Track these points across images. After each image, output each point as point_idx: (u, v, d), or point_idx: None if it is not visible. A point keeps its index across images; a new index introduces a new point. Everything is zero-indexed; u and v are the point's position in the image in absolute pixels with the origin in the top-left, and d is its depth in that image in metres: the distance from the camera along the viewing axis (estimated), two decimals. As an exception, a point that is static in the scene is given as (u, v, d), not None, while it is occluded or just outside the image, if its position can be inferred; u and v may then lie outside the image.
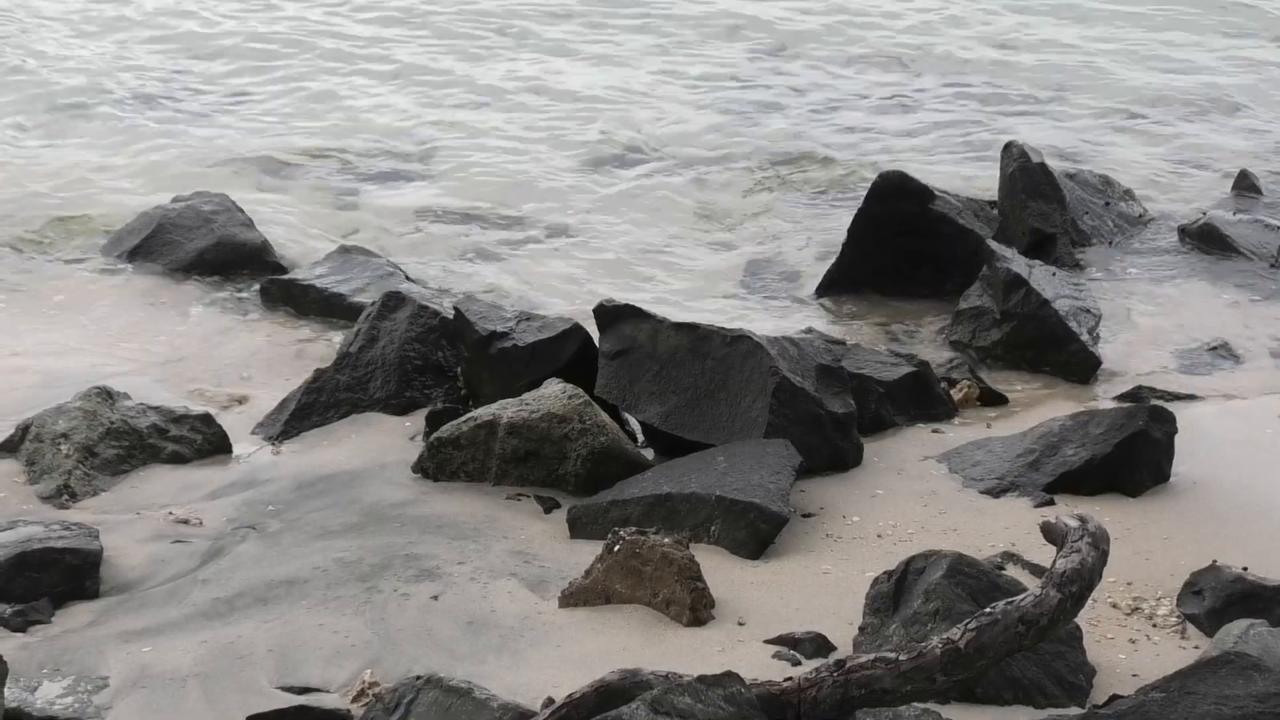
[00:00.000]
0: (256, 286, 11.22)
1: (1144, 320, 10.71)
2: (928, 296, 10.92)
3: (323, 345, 10.38)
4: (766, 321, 10.64)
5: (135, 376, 9.90)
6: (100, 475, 8.48)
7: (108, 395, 8.91)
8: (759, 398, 8.36)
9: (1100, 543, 5.91)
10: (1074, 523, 5.99)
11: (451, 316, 9.41)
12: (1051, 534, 6.06)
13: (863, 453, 8.55)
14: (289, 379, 9.82)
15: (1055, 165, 12.10)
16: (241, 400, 9.68)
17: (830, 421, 8.46)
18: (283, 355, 10.35)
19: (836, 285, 11.22)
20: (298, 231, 12.34)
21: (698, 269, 11.80)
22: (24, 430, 8.72)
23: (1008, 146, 11.93)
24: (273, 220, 12.40)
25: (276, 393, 9.61)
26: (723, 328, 8.73)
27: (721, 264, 11.90)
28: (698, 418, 8.49)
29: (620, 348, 8.79)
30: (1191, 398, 9.50)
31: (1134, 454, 8.11)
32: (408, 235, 12.34)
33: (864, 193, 11.37)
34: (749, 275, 11.70)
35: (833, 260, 11.34)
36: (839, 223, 11.94)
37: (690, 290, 11.40)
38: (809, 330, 9.88)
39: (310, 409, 9.28)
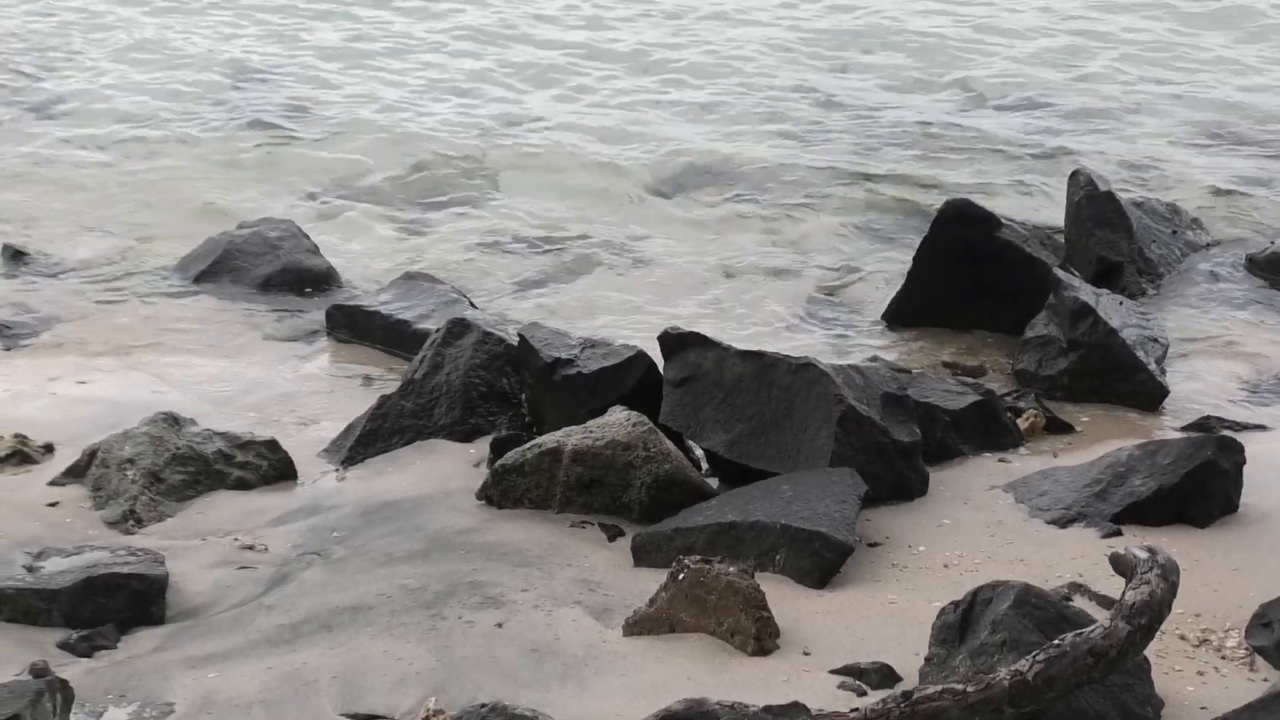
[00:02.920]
0: (322, 312, 11.24)
1: (1212, 349, 10.63)
2: (994, 324, 10.86)
3: (387, 371, 10.39)
4: (832, 348, 10.61)
5: (200, 402, 9.93)
6: (166, 501, 8.51)
7: (174, 421, 8.95)
8: (824, 426, 8.33)
9: (1170, 574, 5.87)
10: (1143, 554, 5.94)
11: (516, 343, 9.42)
12: (1120, 565, 6.01)
13: (928, 482, 8.51)
14: (354, 405, 9.84)
15: (1122, 193, 12.04)
16: (307, 426, 9.70)
17: (896, 450, 8.43)
18: (348, 381, 10.38)
19: (902, 312, 11.17)
20: (363, 257, 12.39)
21: (763, 293, 11.77)
22: (90, 456, 8.76)
23: (1074, 174, 11.88)
24: (338, 245, 12.46)
25: (341, 419, 9.63)
26: (788, 355, 8.70)
27: (787, 289, 11.86)
28: (763, 446, 8.46)
29: (685, 375, 8.77)
30: (1260, 428, 9.41)
31: (1202, 484, 8.05)
32: (472, 259, 12.35)
33: (930, 219, 11.32)
34: (814, 301, 11.67)
35: (899, 287, 11.30)
36: (905, 249, 11.91)
37: (755, 316, 11.37)
38: (874, 358, 9.85)
39: (375, 435, 9.30)
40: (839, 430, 8.30)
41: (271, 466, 8.92)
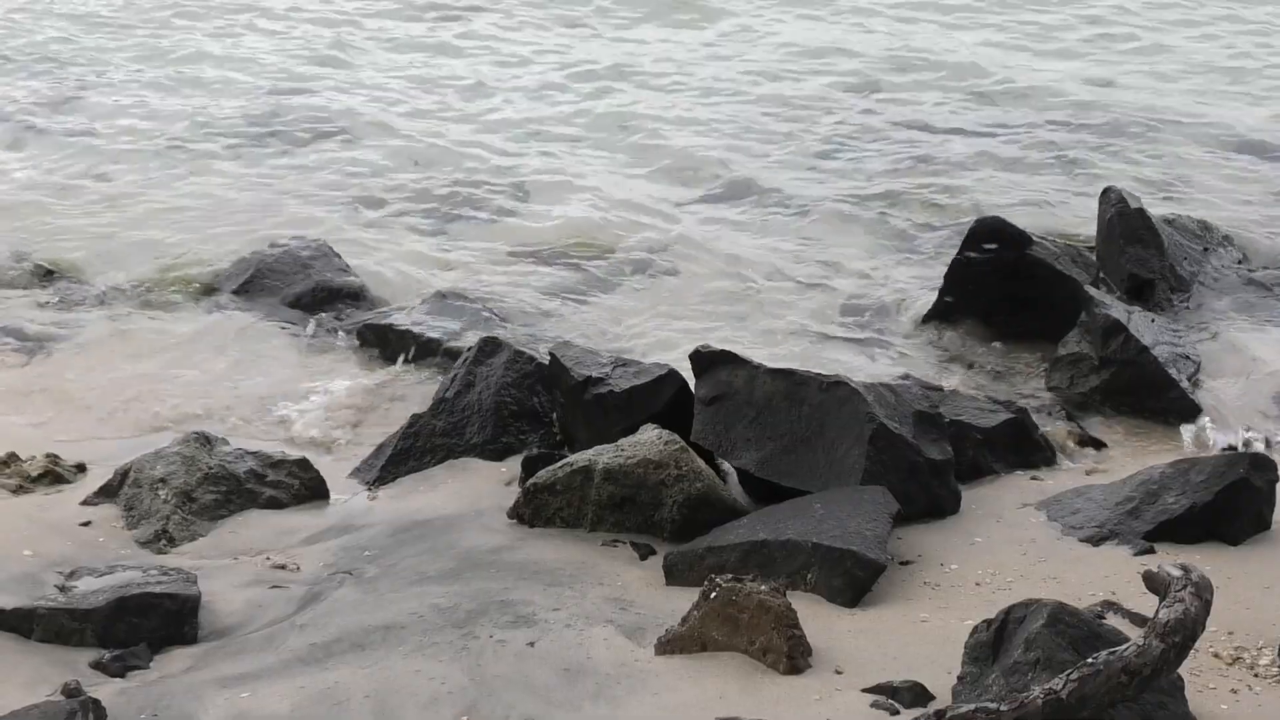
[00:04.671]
0: (353, 331, 11.26)
1: (1244, 366, 10.60)
2: (1026, 341, 10.85)
3: (419, 390, 10.40)
4: (863, 365, 10.60)
5: (232, 420, 9.98)
6: (198, 520, 8.52)
7: (206, 440, 8.97)
8: (856, 444, 8.31)
9: (1203, 592, 5.84)
10: (1177, 572, 5.92)
11: (547, 362, 9.43)
12: (1154, 583, 5.99)
13: (961, 500, 8.49)
14: (385, 424, 9.86)
15: (1153, 210, 12.01)
16: (339, 444, 9.72)
17: (928, 468, 8.41)
18: (379, 400, 10.39)
19: (934, 328, 11.17)
20: (394, 274, 12.40)
21: (795, 309, 11.77)
22: (123, 475, 8.78)
23: (1106, 191, 11.87)
24: (370, 261, 12.48)
25: (373, 437, 9.65)
26: (820, 374, 8.69)
27: (819, 305, 11.86)
28: (794, 464, 8.44)
29: (716, 393, 8.76)
30: (1294, 444, 9.41)
31: (1235, 502, 8.03)
32: (503, 276, 12.36)
33: (962, 236, 11.31)
34: (846, 317, 11.66)
35: (931, 303, 11.30)
36: (937, 265, 11.90)
37: (787, 331, 11.37)
38: (906, 376, 9.84)
39: (407, 454, 9.31)
40: (870, 448, 8.28)
41: (303, 485, 8.93)
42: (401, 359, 10.87)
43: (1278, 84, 17.69)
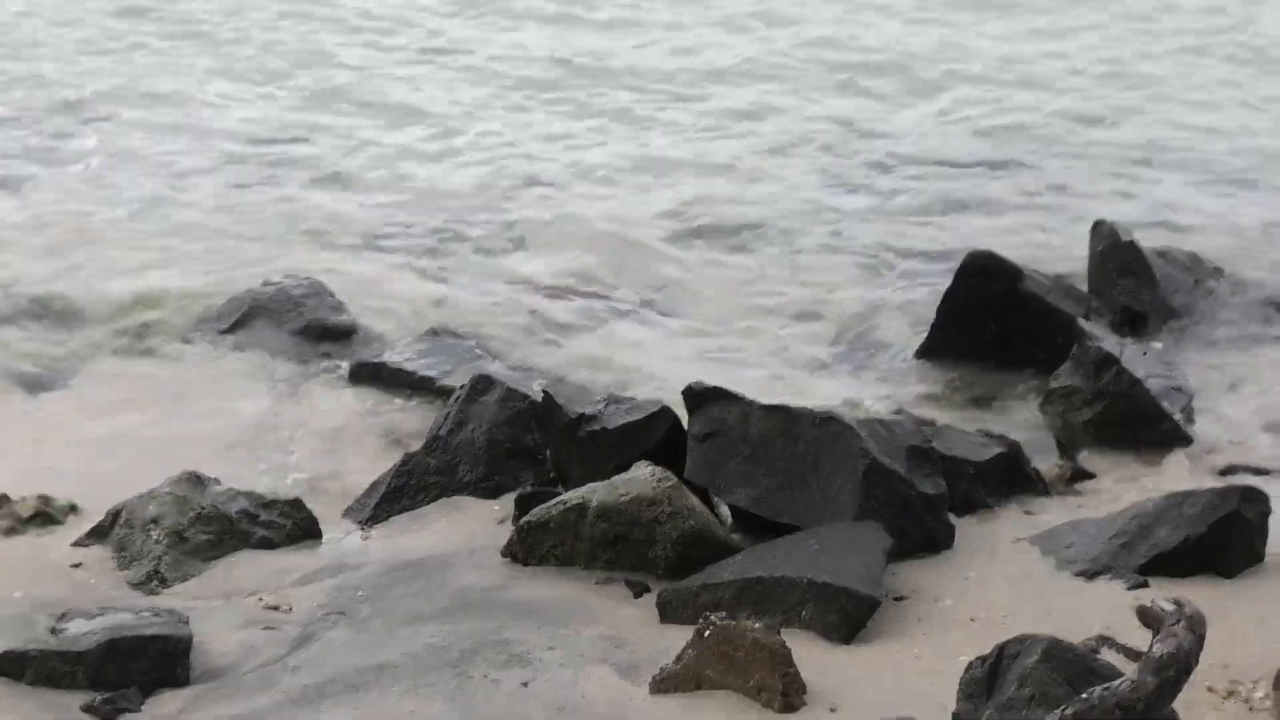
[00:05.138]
0: (346, 369, 11.26)
1: (1236, 398, 10.61)
2: (1018, 374, 10.86)
3: (412, 428, 10.39)
4: (857, 400, 10.59)
5: (224, 459, 9.95)
6: (190, 561, 8.50)
7: (198, 480, 8.96)
8: (850, 480, 8.31)
9: (1197, 627, 5.84)
10: (1170, 607, 5.91)
11: (540, 399, 9.42)
12: (1148, 618, 5.98)
13: (955, 535, 8.48)
14: (378, 462, 9.85)
15: (1144, 242, 12.03)
16: (331, 483, 9.71)
17: (922, 503, 8.40)
18: (372, 438, 10.38)
19: (927, 363, 11.18)
20: (387, 311, 12.37)
21: (788, 344, 11.77)
22: (114, 516, 8.76)
23: (1097, 224, 11.90)
24: (362, 299, 12.45)
25: (366, 476, 9.64)
26: (813, 410, 8.68)
27: (811, 340, 11.86)
28: (788, 500, 8.44)
29: (709, 430, 8.75)
30: (1286, 476, 9.41)
31: (1228, 535, 8.02)
32: (497, 313, 12.34)
33: (954, 269, 11.32)
34: (839, 350, 11.67)
35: (923, 337, 11.31)
36: (930, 298, 11.89)
37: (780, 367, 11.37)
38: (899, 411, 9.85)
39: (400, 493, 9.30)
40: (864, 484, 8.28)
41: (296, 525, 8.91)
42: (394, 397, 10.86)
43: (1264, 115, 17.70)
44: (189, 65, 19.11)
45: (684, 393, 8.98)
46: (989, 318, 10.99)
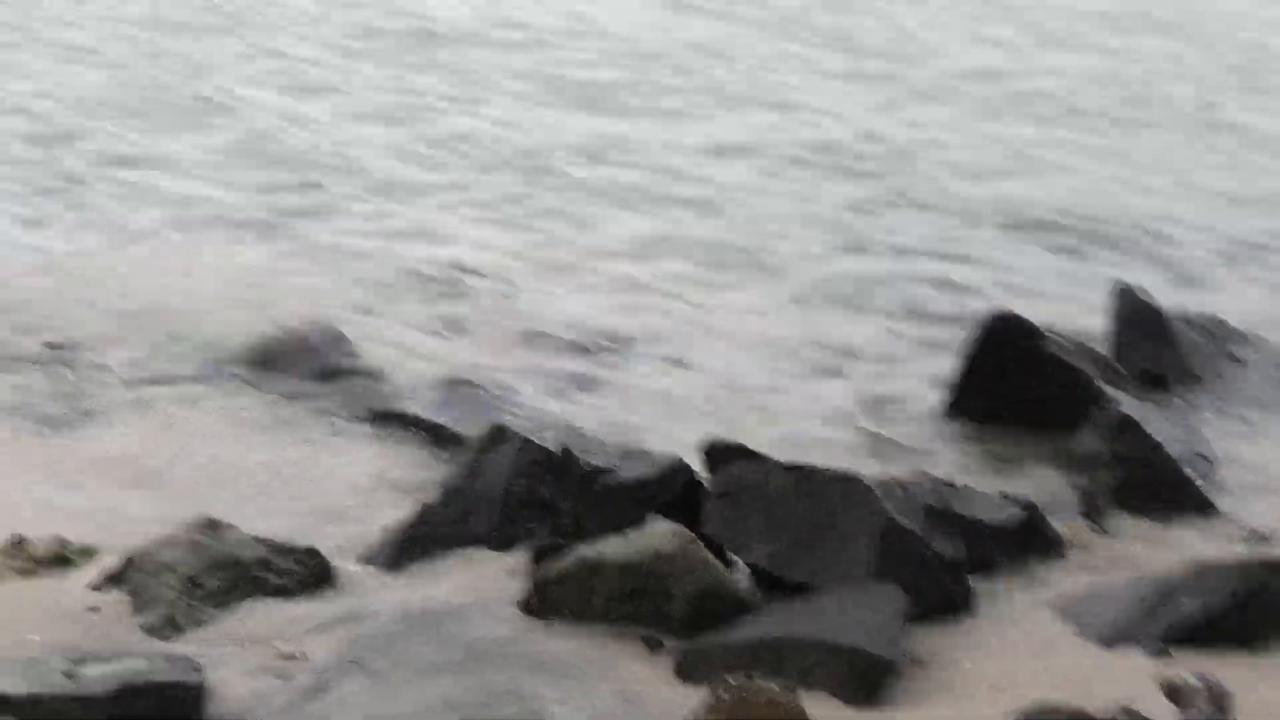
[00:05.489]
0: (360, 416, 11.23)
1: (1260, 463, 10.55)
2: (1038, 436, 10.80)
3: (427, 478, 10.34)
4: (875, 459, 10.55)
5: (240, 505, 9.92)
6: (205, 607, 8.47)
7: (214, 526, 8.93)
8: (868, 540, 8.28)
9: (1223, 703, 5.80)
10: (1195, 681, 5.87)
11: (556, 450, 9.39)
12: (1173, 693, 5.94)
13: (973, 598, 8.43)
14: (393, 511, 9.80)
15: (1166, 305, 12.01)
16: (346, 530, 9.67)
17: (939, 565, 8.37)
18: (387, 486, 10.34)
19: (946, 422, 11.15)
20: (403, 359, 12.34)
21: (806, 400, 11.73)
22: (131, 560, 8.73)
23: (1118, 286, 11.87)
24: (379, 346, 12.44)
25: (380, 525, 9.60)
26: (831, 469, 8.68)
27: (831, 395, 11.82)
28: (806, 559, 8.40)
29: (728, 487, 8.73)
30: (1312, 544, 9.34)
31: (1254, 607, 7.95)
32: (513, 362, 12.32)
33: (974, 328, 11.29)
34: (858, 407, 11.60)
35: (944, 392, 11.29)
36: (949, 356, 11.85)
37: (798, 423, 11.32)
38: (918, 470, 9.79)
39: (414, 543, 9.26)
40: (882, 544, 8.26)
41: (311, 573, 8.87)
42: (410, 445, 10.83)
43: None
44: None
45: (702, 448, 8.95)
46: (1009, 378, 10.96)
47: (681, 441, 10.38)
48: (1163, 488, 9.82)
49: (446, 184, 16.74)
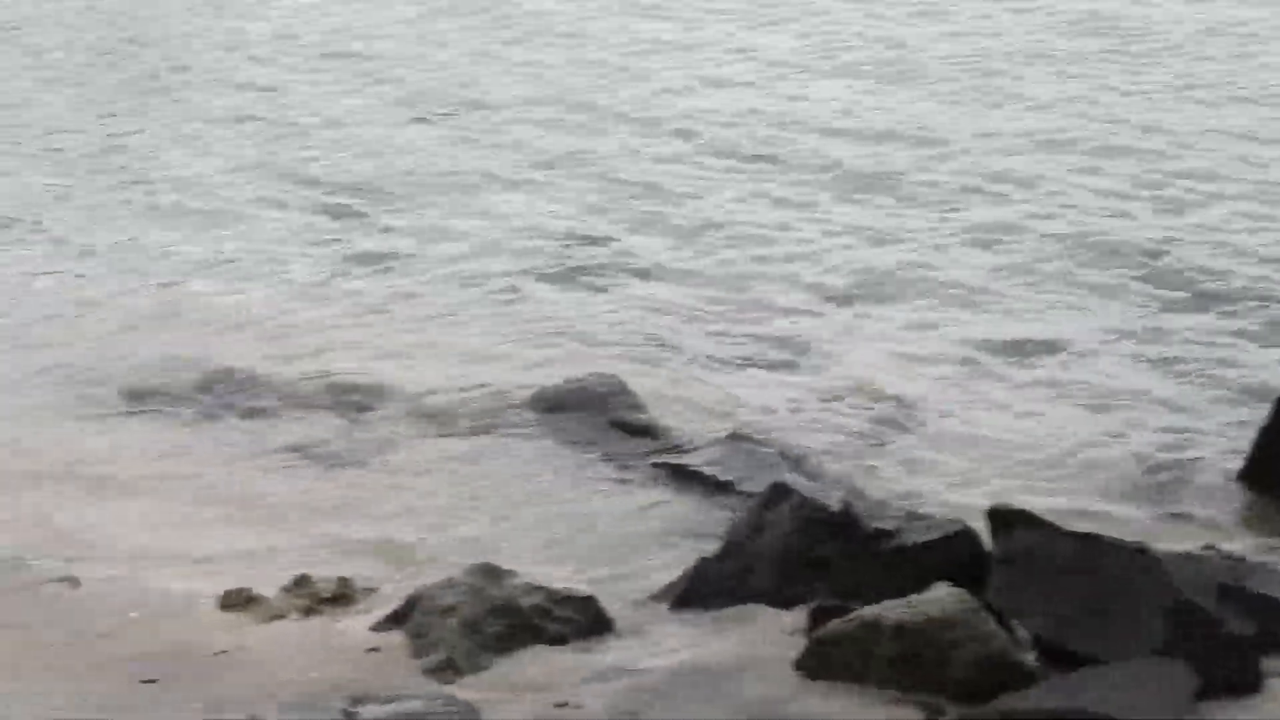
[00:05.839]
0: (644, 468, 11.28)
1: None
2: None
3: (707, 532, 10.33)
4: (1164, 530, 10.29)
5: (520, 550, 10.02)
6: (484, 652, 8.53)
7: (495, 573, 9.01)
8: (1155, 614, 8.09)
9: None
10: None
11: (838, 511, 9.32)
12: None
13: (1264, 679, 8.17)
14: (672, 564, 9.82)
15: None
16: (626, 581, 9.70)
17: (1229, 643, 8.12)
18: (667, 539, 10.37)
19: (1243, 493, 10.85)
20: (687, 414, 12.39)
21: (1094, 467, 11.49)
22: (413, 602, 8.84)
23: None
24: (664, 400, 12.51)
25: (660, 577, 9.62)
26: (1119, 540, 8.50)
27: (1120, 462, 11.56)
28: (1090, 631, 8.22)
29: (1012, 554, 8.57)
30: None
31: None
32: (797, 421, 12.28)
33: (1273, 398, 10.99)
34: (1145, 477, 11.32)
35: (1239, 466, 10.99)
36: (1245, 424, 11.54)
37: (1085, 491, 11.10)
38: (1209, 546, 9.53)
39: (692, 596, 9.25)
40: (1169, 620, 8.05)
41: (588, 622, 8.91)
42: (691, 499, 10.84)
43: None
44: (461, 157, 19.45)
45: (988, 514, 8.82)
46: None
47: (965, 506, 10.26)
48: None
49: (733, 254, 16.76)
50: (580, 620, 8.89)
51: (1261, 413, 11.50)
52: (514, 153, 19.54)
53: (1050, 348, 13.73)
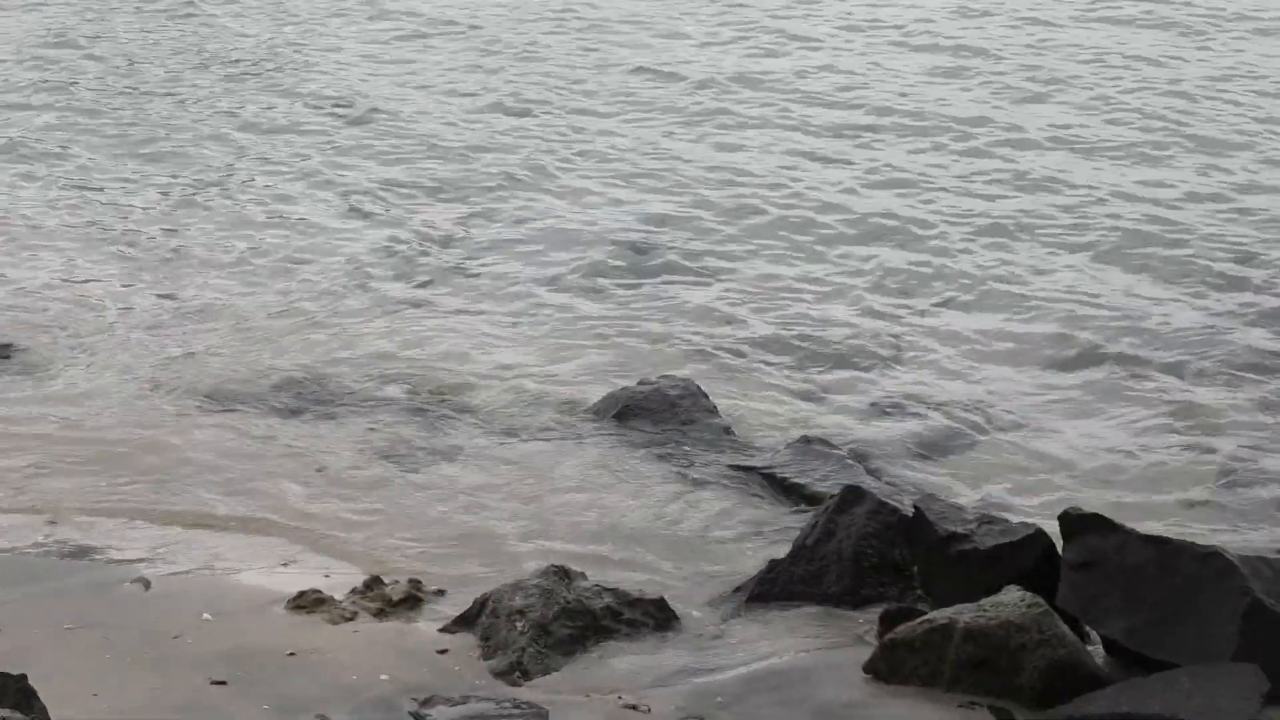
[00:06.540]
0: (716, 470, 11.27)
1: None
2: None
3: (779, 534, 10.32)
4: (1240, 535, 10.21)
5: (590, 552, 10.04)
6: (553, 654, 8.55)
7: (565, 574, 9.02)
8: (1230, 619, 8.01)
9: None
10: None
11: (910, 514, 9.29)
12: None
13: (1338, 683, 8.09)
14: (743, 565, 9.83)
15: None
16: (697, 582, 9.69)
17: (1304, 648, 8.05)
18: (739, 541, 10.36)
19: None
20: (760, 418, 12.38)
21: (1168, 472, 11.42)
22: (482, 604, 8.86)
23: None
24: (737, 403, 12.52)
25: (731, 578, 9.62)
26: (1194, 543, 8.41)
27: (1196, 467, 11.49)
28: (1162, 636, 8.16)
29: (1084, 558, 8.52)
30: None
31: None
32: (869, 426, 12.25)
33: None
34: (1223, 482, 11.26)
35: (1311, 474, 10.92)
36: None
37: (1160, 496, 11.03)
38: (1285, 548, 9.47)
39: (763, 598, 9.26)
40: (1244, 624, 7.98)
41: (658, 625, 8.92)
42: (763, 502, 10.83)
43: None
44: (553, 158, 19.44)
45: (1060, 518, 8.76)
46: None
47: (1038, 510, 10.22)
48: None
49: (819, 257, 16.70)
50: (650, 622, 8.90)
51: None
52: (583, 152, 19.54)
53: (1126, 353, 13.63)
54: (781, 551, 9.64)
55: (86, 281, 15.52)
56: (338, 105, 21.54)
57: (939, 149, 19.02)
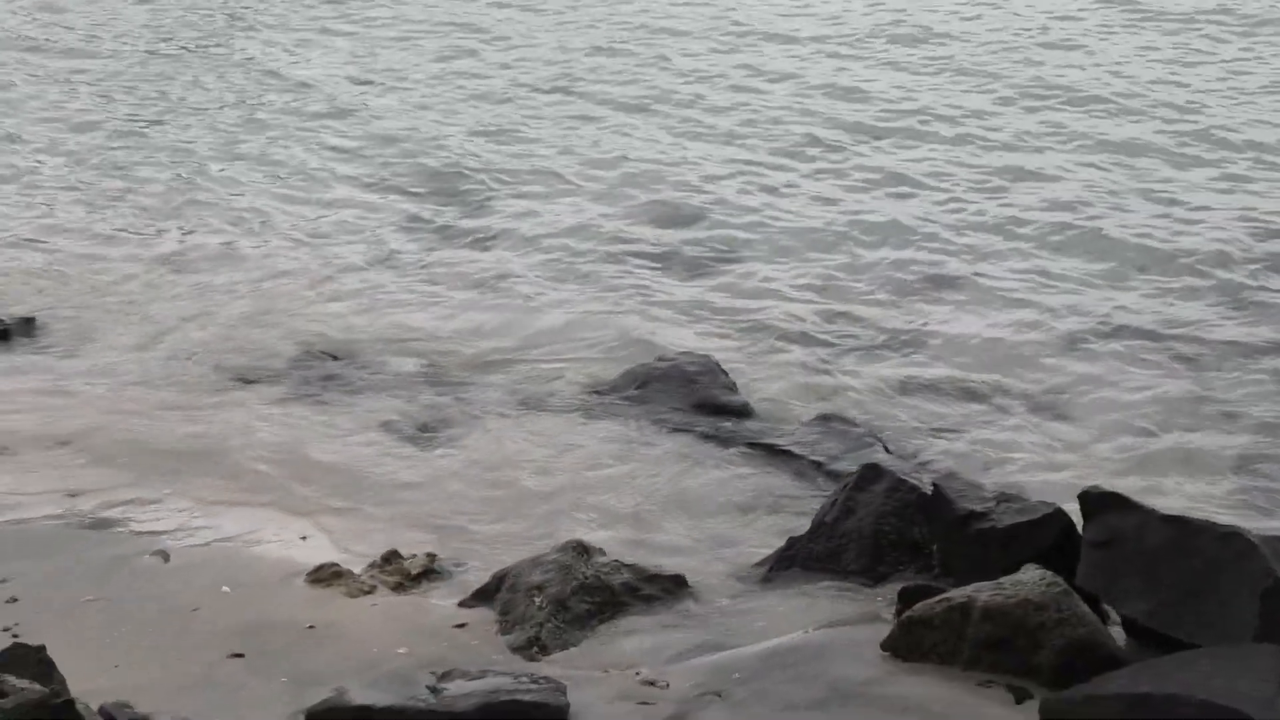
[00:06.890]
0: (733, 447, 11.25)
1: None
2: None
3: (798, 511, 10.31)
4: (1261, 517, 10.18)
5: (608, 527, 10.05)
6: (571, 630, 8.55)
7: (583, 550, 9.03)
8: (1250, 600, 7.96)
9: None
10: None
11: (929, 492, 9.26)
12: None
13: (1360, 665, 8.06)
14: (762, 542, 9.83)
15: None
16: (716, 558, 9.69)
17: (1325, 629, 8.02)
18: (757, 518, 10.36)
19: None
20: (779, 395, 12.37)
21: (1188, 452, 11.38)
22: (500, 579, 8.87)
23: None
24: (756, 380, 12.51)
25: (749, 555, 9.64)
26: (1214, 523, 8.36)
27: (1214, 449, 11.44)
28: (1183, 616, 8.12)
29: (1104, 538, 8.48)
30: None
31: None
32: (889, 404, 12.22)
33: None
34: (1245, 466, 11.22)
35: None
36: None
37: (1181, 476, 10.99)
38: (1305, 529, 9.43)
39: (781, 575, 9.28)
40: (1264, 604, 7.93)
41: (676, 601, 8.91)
42: (782, 478, 10.81)
43: None
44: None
45: (1080, 496, 8.72)
46: None
47: (1057, 489, 10.18)
48: None
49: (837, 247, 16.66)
50: (668, 598, 8.90)
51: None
52: (605, 135, 19.54)
53: (1150, 334, 13.59)
54: (801, 528, 9.62)
55: (102, 260, 15.59)
56: (362, 83, 21.59)
57: (955, 144, 18.95)
